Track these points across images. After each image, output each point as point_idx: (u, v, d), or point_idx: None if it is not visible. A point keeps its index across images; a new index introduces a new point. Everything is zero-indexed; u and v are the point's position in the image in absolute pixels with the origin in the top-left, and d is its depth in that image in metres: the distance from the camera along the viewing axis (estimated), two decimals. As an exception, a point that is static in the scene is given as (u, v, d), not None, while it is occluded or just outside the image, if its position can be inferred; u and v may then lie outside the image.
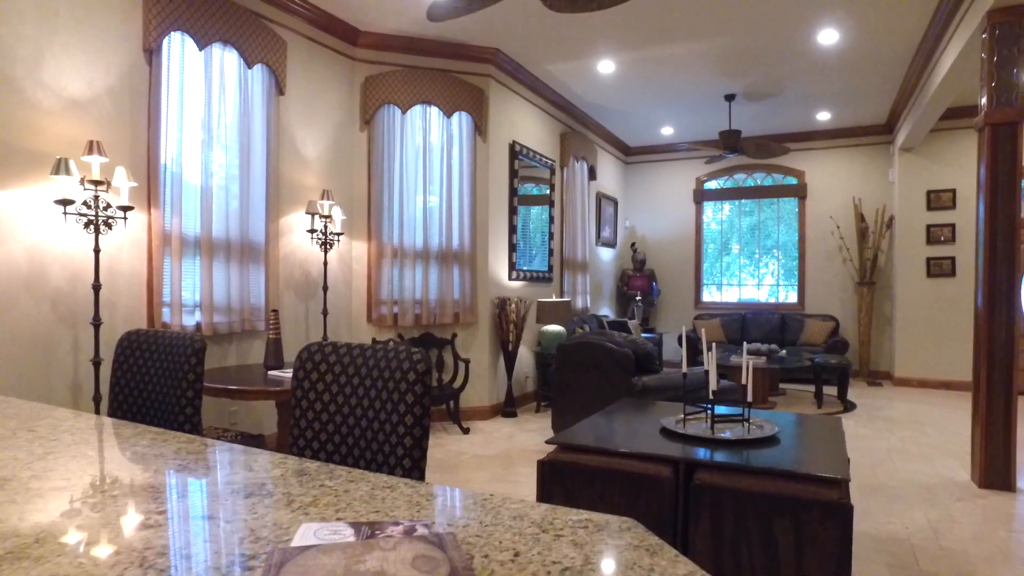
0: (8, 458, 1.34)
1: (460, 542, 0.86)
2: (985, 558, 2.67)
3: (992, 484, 3.57)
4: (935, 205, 7.28)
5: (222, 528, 0.95)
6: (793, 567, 2.10)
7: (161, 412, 1.83)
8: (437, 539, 0.85)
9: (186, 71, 3.67)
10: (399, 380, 1.40)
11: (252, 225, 4.07)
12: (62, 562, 0.82)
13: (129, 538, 0.92)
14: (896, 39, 5.03)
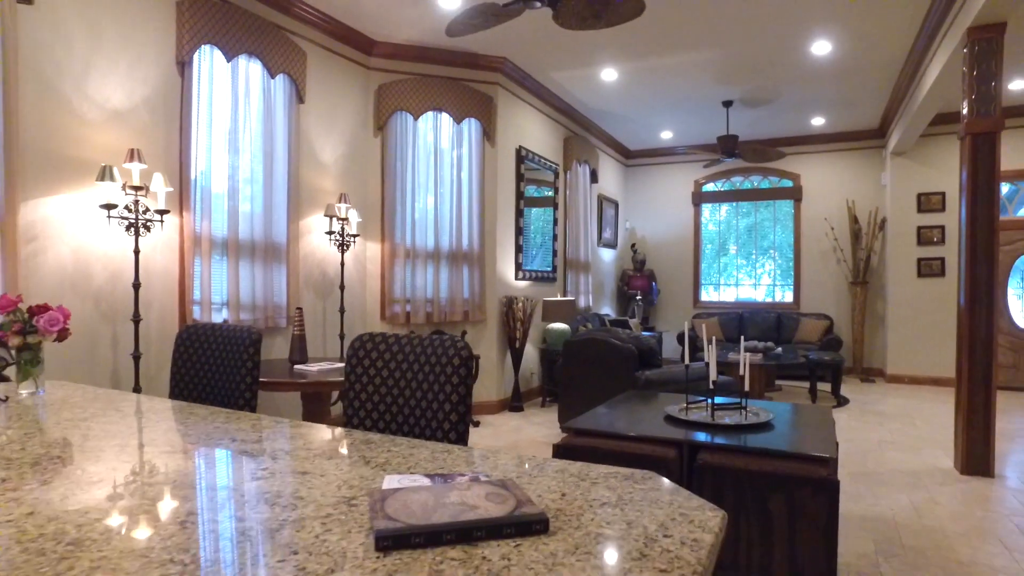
0: (116, 430, 1.56)
1: (517, 486, 1.08)
2: (962, 535, 2.90)
3: (972, 470, 3.81)
4: (925, 207, 7.52)
5: (319, 480, 1.17)
6: (786, 537, 2.33)
7: (222, 396, 2.04)
8: (500, 483, 1.07)
9: (215, 82, 3.89)
10: (445, 364, 1.62)
11: (275, 227, 4.29)
12: (212, 495, 1.05)
13: (249, 486, 1.15)
14: (885, 51, 5.27)
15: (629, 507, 1.01)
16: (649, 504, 1.03)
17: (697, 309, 9.22)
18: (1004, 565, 2.59)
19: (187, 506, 1.03)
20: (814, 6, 4.44)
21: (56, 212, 3.09)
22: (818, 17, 4.64)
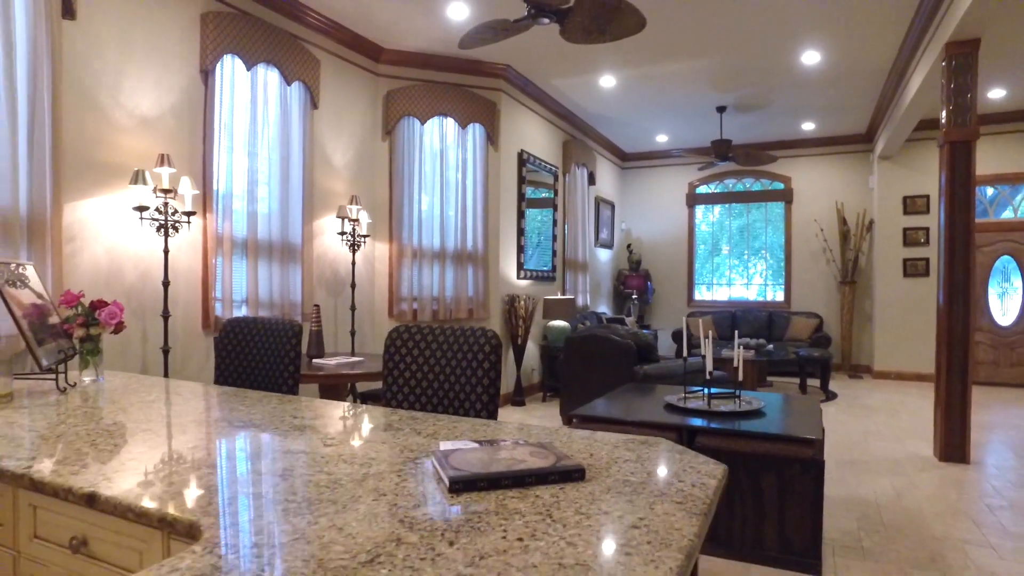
0: (186, 410, 1.77)
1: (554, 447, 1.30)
2: (937, 514, 3.14)
3: (950, 458, 4.06)
4: (911, 210, 7.80)
5: (382, 446, 1.38)
6: (776, 512, 2.56)
7: (266, 382, 2.25)
8: (539, 444, 1.29)
9: (235, 89, 4.08)
10: (477, 351, 1.83)
11: (291, 228, 4.48)
12: (296, 457, 1.27)
13: (324, 451, 1.36)
14: (871, 61, 5.52)
15: (647, 462, 1.23)
16: (663, 460, 1.25)
17: (691, 308, 9.47)
18: (973, 538, 2.84)
19: (279, 465, 1.24)
20: (804, 19, 4.68)
21: (92, 214, 3.28)
22: (807, 29, 4.88)
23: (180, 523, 0.95)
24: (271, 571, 0.76)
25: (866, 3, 4.37)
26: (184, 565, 0.78)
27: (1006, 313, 7.35)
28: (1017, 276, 7.25)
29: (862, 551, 2.71)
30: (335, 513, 0.96)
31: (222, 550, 0.82)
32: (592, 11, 3.28)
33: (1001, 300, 7.41)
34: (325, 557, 0.80)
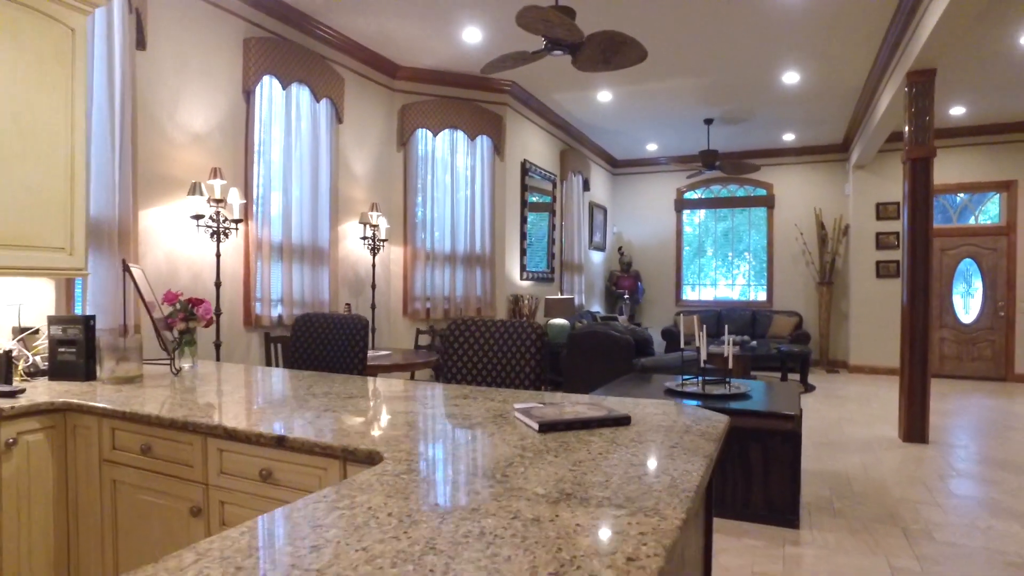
0: (291, 387, 2.18)
1: (602, 403, 1.75)
2: (897, 483, 3.65)
3: (911, 438, 4.58)
4: (883, 215, 8.38)
5: (469, 408, 1.81)
6: (762, 478, 3.04)
7: (337, 369, 2.66)
8: (591, 401, 1.73)
9: (272, 107, 4.47)
10: (524, 339, 2.28)
11: (319, 233, 4.88)
12: (408, 417, 1.70)
13: (431, 411, 1.79)
14: (845, 81, 6.05)
15: (671, 415, 1.69)
16: (683, 413, 1.71)
17: (679, 307, 9.99)
18: (924, 500, 3.34)
19: (406, 418, 1.67)
20: (784, 44, 5.18)
21: (154, 222, 3.66)
22: (787, 52, 5.38)
23: (360, 452, 1.37)
24: (447, 471, 1.20)
25: (839, 32, 4.88)
26: (389, 469, 1.21)
27: (968, 312, 7.95)
28: (978, 278, 7.86)
29: (833, 511, 3.19)
30: (467, 443, 1.39)
31: (405, 464, 1.25)
32: (600, 45, 3.73)
33: (965, 300, 8.01)
34: (479, 464, 1.24)
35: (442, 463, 1.25)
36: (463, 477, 1.15)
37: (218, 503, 1.62)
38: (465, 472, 1.18)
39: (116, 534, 1.85)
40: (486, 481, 1.12)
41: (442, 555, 0.80)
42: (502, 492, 1.06)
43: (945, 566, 2.58)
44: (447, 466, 1.23)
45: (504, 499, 1.02)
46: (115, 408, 1.80)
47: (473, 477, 1.15)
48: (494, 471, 1.18)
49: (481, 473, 1.17)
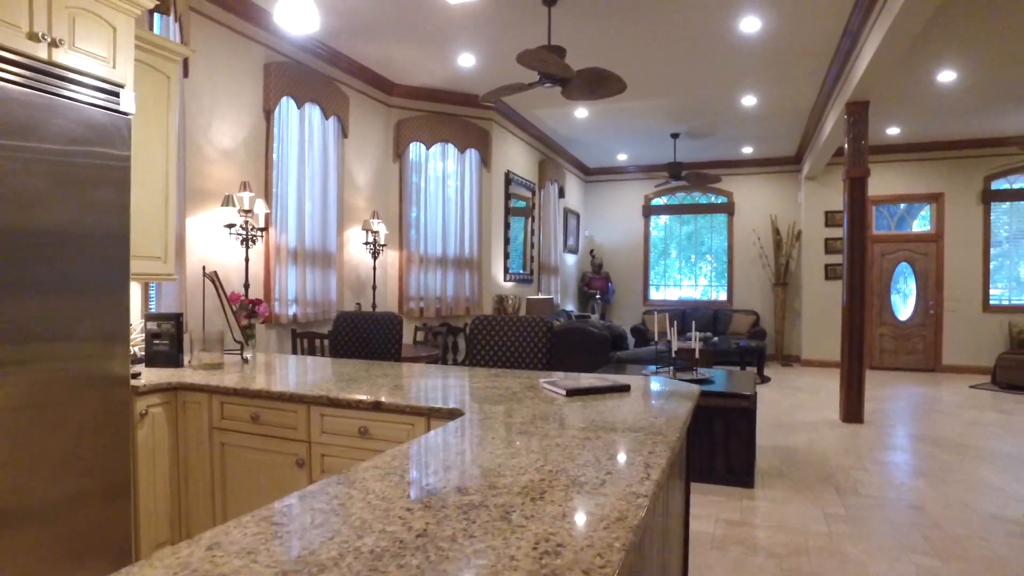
0: (353, 373, 2.68)
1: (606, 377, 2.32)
2: (835, 454, 4.34)
3: (850, 419, 5.31)
4: (831, 223, 9.22)
5: (503, 382, 2.36)
6: (723, 447, 3.66)
7: (374, 359, 3.17)
8: (596, 376, 2.30)
9: (289, 125, 4.92)
10: (536, 332, 2.83)
11: (328, 239, 5.34)
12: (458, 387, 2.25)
13: (474, 384, 2.33)
14: (795, 105, 6.79)
15: (658, 386, 2.27)
16: (667, 383, 2.29)
17: (646, 306, 10.69)
18: (855, 465, 4.03)
19: (455, 390, 2.21)
20: (743, 72, 5.86)
21: (190, 230, 4.08)
22: (746, 79, 6.07)
23: (444, 410, 1.91)
24: (513, 417, 1.74)
25: (790, 64, 5.58)
26: (473, 419, 1.75)
27: (904, 310, 8.85)
28: (912, 280, 8.76)
29: (782, 474, 3.85)
30: (516, 403, 1.94)
31: (480, 416, 1.79)
32: (587, 79, 4.32)
33: (903, 300, 8.91)
34: (533, 414, 1.79)
35: (504, 414, 1.79)
36: (527, 420, 1.70)
37: (319, 456, 2.13)
38: (526, 417, 1.73)
39: (224, 486, 2.33)
40: (542, 422, 1.67)
41: (544, 454, 1.35)
42: (557, 426, 1.61)
43: (864, 511, 3.24)
44: (511, 415, 1.77)
45: (560, 430, 1.58)
46: (226, 386, 2.29)
47: (533, 420, 1.70)
48: (545, 417, 1.74)
49: (537, 418, 1.72)
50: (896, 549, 2.78)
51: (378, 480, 1.15)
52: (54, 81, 1.98)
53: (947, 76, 5.66)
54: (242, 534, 0.89)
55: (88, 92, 2.08)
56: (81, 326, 2.07)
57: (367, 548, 0.84)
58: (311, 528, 0.92)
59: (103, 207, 2.13)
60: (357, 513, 0.98)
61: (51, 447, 1.97)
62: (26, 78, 1.91)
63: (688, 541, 2.32)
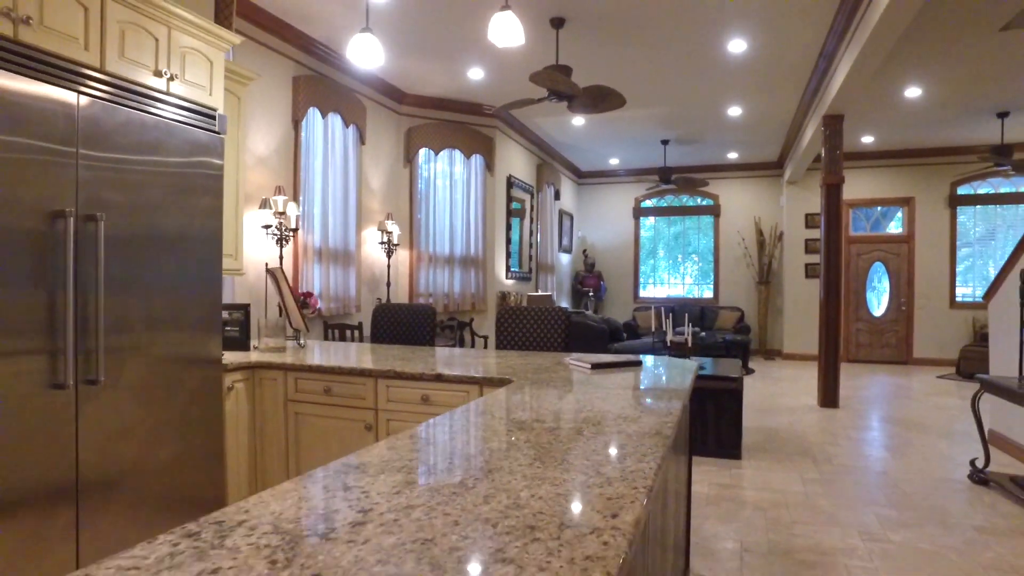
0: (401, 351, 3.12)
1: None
2: (812, 433, 4.85)
3: (826, 404, 5.83)
4: (811, 224, 9.78)
5: (533, 360, 2.81)
6: (714, 424, 4.14)
7: (412, 345, 3.60)
8: (611, 355, 2.76)
9: (314, 133, 5.32)
10: (555, 320, 3.28)
11: (348, 239, 5.75)
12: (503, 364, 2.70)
13: (512, 362, 2.79)
14: (778, 116, 7.32)
15: (663, 362, 2.74)
16: (671, 362, 2.76)
17: (637, 303, 11.19)
18: (828, 441, 4.54)
19: (497, 365, 2.66)
20: (729, 86, 6.36)
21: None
22: (732, 92, 6.57)
23: (495, 379, 2.35)
24: (555, 383, 2.19)
25: (771, 80, 6.09)
26: (522, 385, 2.19)
27: (879, 306, 9.44)
28: (885, 278, 9.36)
29: (765, 449, 4.34)
30: (550, 374, 2.39)
31: (527, 382, 2.24)
32: (591, 96, 4.78)
33: (878, 297, 9.50)
34: (569, 380, 2.24)
35: (545, 381, 2.24)
36: (566, 384, 2.15)
37: (385, 421, 2.57)
38: (564, 382, 2.18)
39: (298, 450, 2.75)
40: (579, 385, 2.12)
41: (590, 403, 1.80)
42: (592, 387, 2.07)
43: (835, 476, 3.74)
44: (551, 382, 2.22)
45: (595, 389, 2.03)
46: (302, 363, 2.71)
47: (571, 383, 2.15)
48: (580, 382, 2.19)
49: (574, 383, 2.18)
50: (860, 503, 3.27)
51: (477, 415, 1.59)
52: (172, 109, 2.40)
53: (914, 92, 6.21)
54: (403, 445, 1.33)
55: (194, 116, 2.50)
56: (187, 315, 2.49)
57: (497, 447, 1.29)
58: (451, 439, 1.36)
59: (205, 213, 2.55)
60: (475, 432, 1.42)
61: (163, 417, 2.38)
62: (154, 107, 2.32)
63: (691, 499, 2.79)
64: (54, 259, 1.99)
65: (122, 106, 2.21)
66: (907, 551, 2.69)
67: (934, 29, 4.80)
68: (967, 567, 2.53)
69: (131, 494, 2.25)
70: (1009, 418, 4.28)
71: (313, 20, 4.85)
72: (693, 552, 2.73)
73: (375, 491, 0.98)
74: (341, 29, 4.99)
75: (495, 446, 1.28)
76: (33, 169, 1.93)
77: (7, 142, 1.86)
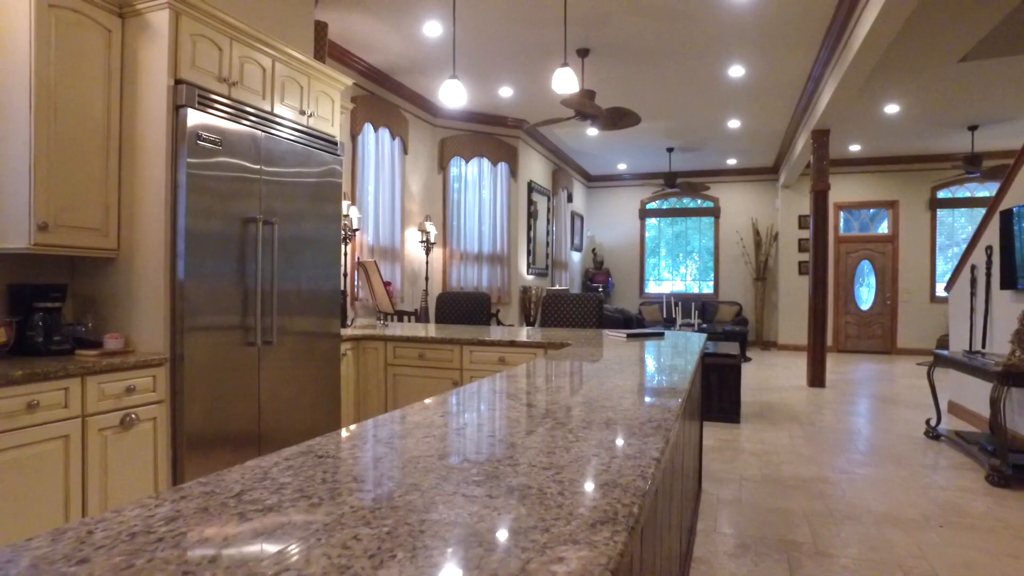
0: (481, 329, 3.92)
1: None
2: (801, 405, 5.64)
3: (814, 384, 6.63)
4: (803, 225, 10.58)
5: (579, 335, 3.60)
6: (718, 394, 4.94)
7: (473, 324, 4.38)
8: (638, 329, 3.55)
9: (368, 145, 6.10)
10: (591, 304, 4.07)
11: (395, 238, 6.53)
12: (577, 339, 3.50)
13: (563, 334, 3.59)
14: (773, 128, 8.11)
15: (681, 335, 3.53)
16: (687, 336, 3.55)
17: (642, 299, 11.98)
18: (814, 411, 5.34)
19: (550, 336, 3.45)
20: (729, 102, 7.15)
21: (307, 231, 5.25)
22: (731, 107, 7.36)
23: (556, 343, 3.14)
24: (601, 345, 2.98)
25: (767, 97, 6.88)
26: (577, 348, 2.98)
27: (866, 301, 10.25)
28: (872, 275, 10.16)
29: (760, 416, 5.14)
30: (595, 343, 3.18)
31: (583, 345, 3.02)
32: (611, 116, 5.57)
33: (866, 292, 10.30)
34: (614, 344, 3.02)
35: (596, 344, 3.02)
36: (612, 346, 2.93)
37: (468, 378, 3.35)
38: (612, 345, 2.97)
39: (396, 404, 3.53)
40: (622, 347, 2.91)
41: (637, 353, 2.59)
42: (631, 348, 2.85)
43: (817, 434, 4.53)
44: (600, 345, 3.00)
45: (635, 349, 2.81)
46: (400, 335, 3.49)
47: (615, 346, 2.93)
48: (620, 345, 2.97)
49: (617, 345, 2.96)
50: (834, 450, 4.07)
51: (555, 362, 2.38)
52: (310, 138, 3.18)
53: (892, 108, 7.01)
54: (500, 378, 2.11)
55: (323, 143, 3.28)
56: (320, 299, 3.27)
57: (568, 372, 2.07)
58: (536, 375, 2.15)
59: (329, 218, 3.33)
60: (553, 369, 2.21)
61: (305, 373, 3.16)
62: (301, 138, 3.10)
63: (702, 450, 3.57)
64: (248, 255, 2.78)
65: (283, 137, 3.00)
66: (867, 479, 3.48)
67: (904, 59, 5.59)
68: (910, 489, 3.32)
69: (288, 424, 3.03)
70: (964, 390, 5.08)
71: (372, 48, 5.62)
72: (704, 479, 3.52)
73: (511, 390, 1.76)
74: (396, 55, 5.77)
75: (586, 368, 2.07)
76: (238, 185, 2.72)
77: (228, 163, 2.64)
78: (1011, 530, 2.74)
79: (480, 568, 0.58)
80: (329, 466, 0.91)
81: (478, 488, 0.81)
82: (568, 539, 0.65)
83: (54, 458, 2.04)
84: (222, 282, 2.65)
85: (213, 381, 2.61)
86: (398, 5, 4.72)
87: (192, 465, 2.52)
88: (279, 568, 0.57)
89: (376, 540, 0.64)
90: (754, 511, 3.02)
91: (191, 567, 0.57)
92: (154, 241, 2.48)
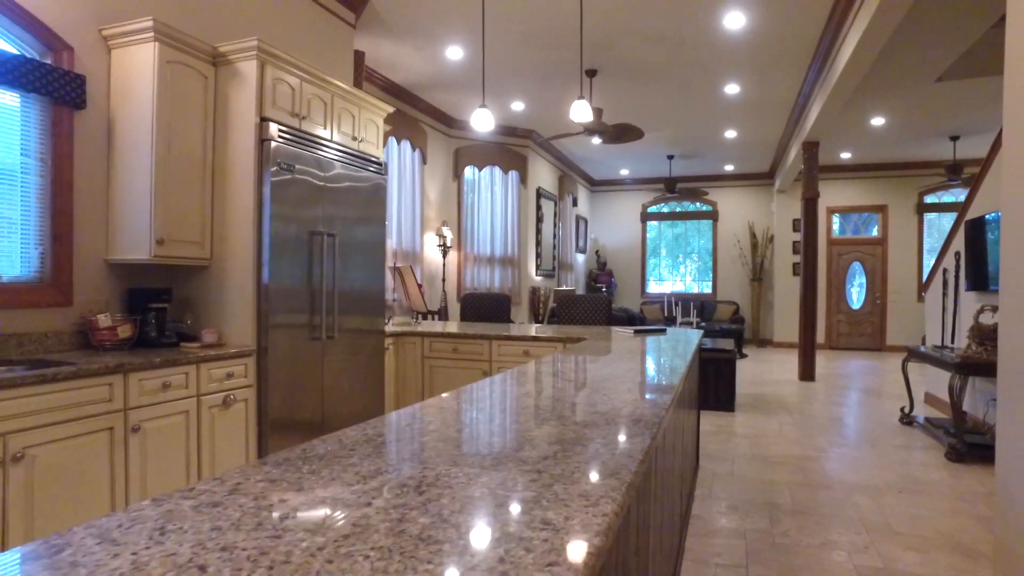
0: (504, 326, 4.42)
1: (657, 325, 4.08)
2: (791, 396, 6.15)
3: (805, 378, 7.14)
4: (798, 228, 11.07)
5: (591, 331, 4.11)
6: (714, 385, 5.45)
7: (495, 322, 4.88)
8: (642, 326, 4.05)
9: (392, 157, 6.60)
10: (599, 304, 4.57)
11: (415, 242, 7.03)
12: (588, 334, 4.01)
13: (576, 331, 4.09)
14: (768, 138, 8.61)
15: (678, 331, 4.04)
16: (686, 331, 4.06)
17: (643, 298, 12.48)
18: (803, 401, 5.84)
19: (566, 332, 3.95)
20: (725, 114, 7.64)
21: (339, 237, 5.74)
22: (727, 119, 7.86)
23: (574, 337, 3.63)
24: (615, 338, 3.48)
25: (761, 111, 7.38)
26: (592, 341, 3.48)
27: (857, 300, 10.75)
28: (863, 276, 10.67)
29: (753, 406, 5.64)
30: (606, 337, 3.68)
31: (599, 338, 3.52)
32: (617, 131, 6.07)
33: (857, 292, 10.80)
34: (622, 337, 3.52)
35: (606, 338, 3.52)
36: (622, 339, 3.43)
37: (497, 368, 3.85)
38: (621, 338, 3.46)
39: (432, 392, 4.03)
40: (631, 340, 3.40)
41: (642, 345, 3.09)
42: (638, 341, 3.35)
43: (804, 421, 5.03)
44: (611, 339, 3.50)
45: (641, 342, 3.31)
46: (435, 331, 3.99)
47: (624, 339, 3.43)
48: (627, 340, 3.47)
49: (626, 339, 3.46)
50: (818, 433, 4.57)
51: (575, 353, 2.88)
52: (361, 161, 3.68)
53: (878, 121, 7.52)
54: (537, 364, 2.62)
55: (370, 164, 3.78)
56: (368, 300, 3.77)
57: (589, 359, 2.57)
58: (563, 361, 2.65)
59: (377, 224, 3.83)
60: (577, 358, 2.71)
61: (358, 364, 3.66)
62: (353, 160, 3.61)
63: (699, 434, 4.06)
64: (314, 261, 3.28)
65: (339, 160, 3.50)
66: (843, 457, 3.98)
67: (885, 78, 6.09)
68: (879, 464, 3.82)
69: (341, 411, 3.53)
70: (938, 382, 5.58)
71: (397, 68, 6.12)
72: (702, 457, 4.03)
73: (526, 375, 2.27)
74: (418, 74, 6.27)
75: (604, 356, 2.57)
76: (306, 202, 3.22)
77: (298, 183, 3.14)
78: (956, 494, 3.25)
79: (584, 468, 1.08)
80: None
81: (555, 419, 1.31)
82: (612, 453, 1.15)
83: (178, 429, 2.54)
84: (295, 285, 3.15)
85: (289, 371, 3.11)
86: (425, 33, 5.22)
87: (272, 444, 3.01)
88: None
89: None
90: (744, 482, 3.53)
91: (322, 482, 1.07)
92: (242, 251, 2.98)
